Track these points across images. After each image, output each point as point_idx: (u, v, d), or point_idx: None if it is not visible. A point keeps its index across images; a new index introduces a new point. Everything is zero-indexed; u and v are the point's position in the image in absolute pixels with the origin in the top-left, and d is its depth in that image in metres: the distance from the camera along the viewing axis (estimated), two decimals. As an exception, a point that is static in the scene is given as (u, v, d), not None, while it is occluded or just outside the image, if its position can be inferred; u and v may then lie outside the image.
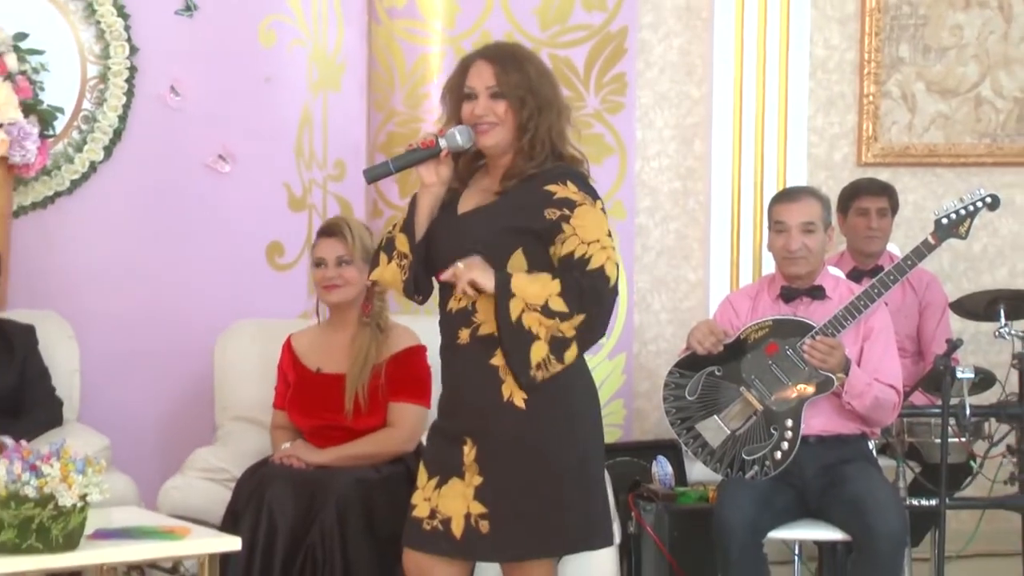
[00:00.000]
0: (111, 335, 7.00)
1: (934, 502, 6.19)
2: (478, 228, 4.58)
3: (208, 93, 7.22)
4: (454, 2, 7.28)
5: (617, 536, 6.06)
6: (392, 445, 5.71)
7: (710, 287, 7.62)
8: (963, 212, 6.11)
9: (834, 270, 6.27)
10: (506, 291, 4.44)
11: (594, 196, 4.63)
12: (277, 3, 7.29)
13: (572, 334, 4.46)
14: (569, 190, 4.56)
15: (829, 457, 5.75)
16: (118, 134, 7.12)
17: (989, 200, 6.13)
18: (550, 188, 4.56)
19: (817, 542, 6.30)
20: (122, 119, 7.12)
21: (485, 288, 4.46)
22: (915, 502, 6.31)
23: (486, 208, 4.59)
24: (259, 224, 7.30)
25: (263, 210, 7.30)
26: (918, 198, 7.93)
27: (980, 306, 6.92)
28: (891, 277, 5.89)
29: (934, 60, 8.09)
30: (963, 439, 6.41)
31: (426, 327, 5.41)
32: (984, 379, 6.59)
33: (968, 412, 6.24)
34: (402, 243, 4.62)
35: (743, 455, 5.75)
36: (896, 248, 7.11)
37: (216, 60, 7.22)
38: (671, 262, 7.82)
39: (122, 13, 7.08)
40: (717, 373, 5.86)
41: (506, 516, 4.55)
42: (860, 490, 5.63)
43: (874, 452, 5.98)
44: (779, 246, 5.87)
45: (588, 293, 4.47)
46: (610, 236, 4.58)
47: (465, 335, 4.59)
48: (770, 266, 6.26)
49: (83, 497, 4.83)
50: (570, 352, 4.47)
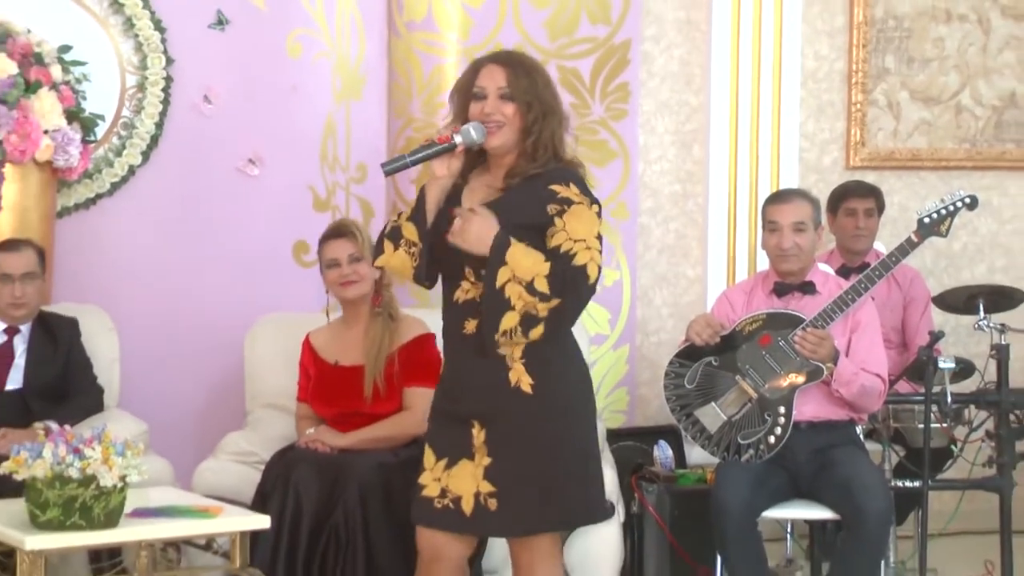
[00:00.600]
0: (149, 327, 7.01)
1: (917, 484, 6.19)
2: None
3: (239, 101, 7.22)
4: (468, 16, 7.28)
5: (621, 515, 6.08)
6: (409, 427, 5.72)
7: (708, 283, 7.61)
8: (944, 212, 6.11)
9: (824, 267, 6.27)
10: (500, 257, 4.43)
11: (592, 200, 4.61)
12: (303, 17, 7.29)
13: (544, 315, 4.44)
14: (571, 191, 4.56)
15: (819, 441, 5.75)
16: (155, 140, 7.13)
17: (968, 201, 6.14)
18: (554, 187, 4.56)
19: (808, 521, 6.31)
20: (158, 126, 7.13)
21: (472, 229, 4.45)
22: (900, 483, 6.31)
23: (492, 204, 4.56)
24: (286, 224, 7.30)
25: (290, 211, 7.30)
26: (902, 199, 7.92)
27: (960, 300, 6.90)
28: (877, 273, 5.90)
29: (917, 70, 8.08)
30: (945, 425, 6.42)
31: (435, 319, 5.41)
32: (964, 369, 6.58)
33: (949, 399, 6.24)
34: (410, 232, 4.58)
35: (739, 439, 5.75)
36: (882, 246, 7.10)
37: (246, 71, 7.23)
38: (671, 259, 7.82)
39: (159, 27, 7.09)
40: (714, 363, 5.86)
41: (514, 494, 4.55)
42: (848, 472, 5.63)
43: (861, 437, 5.98)
44: (772, 244, 5.88)
45: (570, 284, 4.47)
46: (599, 239, 4.57)
47: (472, 325, 4.58)
48: (764, 263, 6.25)
49: (123, 478, 4.85)
50: (536, 331, 4.46)
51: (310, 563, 5.56)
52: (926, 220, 6.10)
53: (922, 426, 6.13)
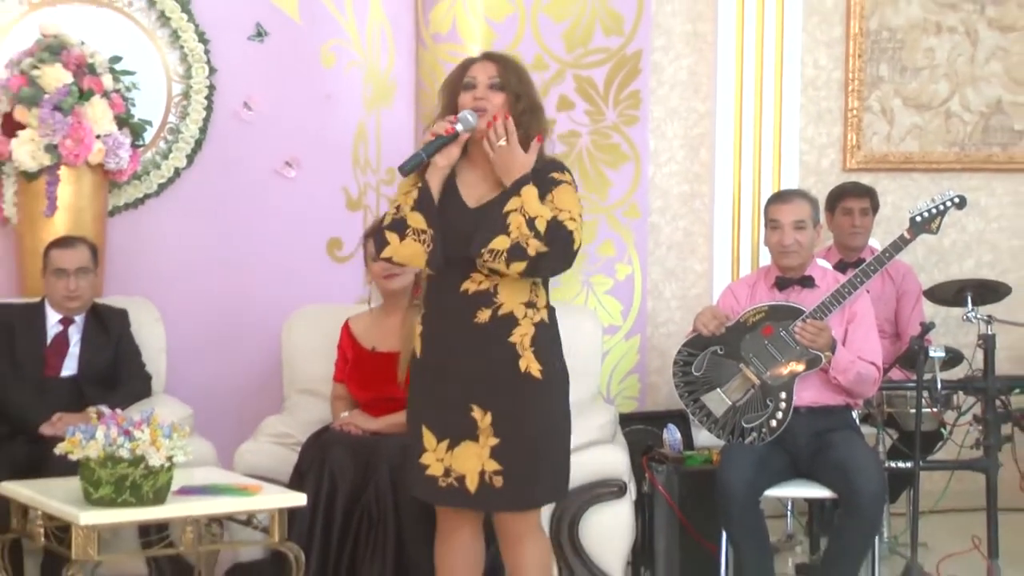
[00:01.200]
0: (193, 319, 7.02)
1: (909, 464, 6.19)
2: (494, 215, 4.57)
3: (277, 108, 7.23)
4: (491, 28, 7.28)
5: (633, 494, 6.08)
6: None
7: (714, 277, 7.61)
8: (935, 211, 6.09)
9: (822, 262, 6.27)
10: (517, 188, 4.50)
11: (575, 186, 4.68)
12: (337, 29, 7.30)
13: (532, 255, 4.47)
14: (566, 176, 4.65)
15: (818, 425, 5.75)
16: (199, 144, 7.14)
17: (957, 201, 6.12)
18: (554, 175, 4.63)
19: (807, 499, 6.32)
20: (202, 131, 7.14)
21: (511, 156, 4.52)
22: (893, 464, 6.31)
23: (496, 201, 4.59)
24: (320, 222, 7.31)
25: (324, 210, 7.31)
26: (896, 199, 7.91)
27: (950, 294, 6.90)
28: (872, 268, 5.89)
29: (910, 78, 8.07)
30: (935, 410, 6.40)
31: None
32: (953, 357, 6.57)
33: (939, 386, 6.23)
34: (417, 220, 4.55)
35: (743, 423, 5.75)
36: (876, 242, 7.09)
37: (284, 79, 7.24)
38: (680, 255, 7.81)
39: (202, 39, 7.10)
40: (720, 352, 5.86)
41: (519, 471, 4.58)
42: (845, 454, 5.63)
43: (857, 421, 5.96)
44: (774, 241, 5.87)
45: (559, 240, 4.50)
46: (580, 217, 4.61)
47: (485, 315, 4.59)
48: (766, 258, 6.25)
49: (169, 458, 4.87)
50: (517, 265, 4.48)
51: (344, 539, 5.58)
52: (918, 219, 6.09)
53: (914, 411, 6.12)
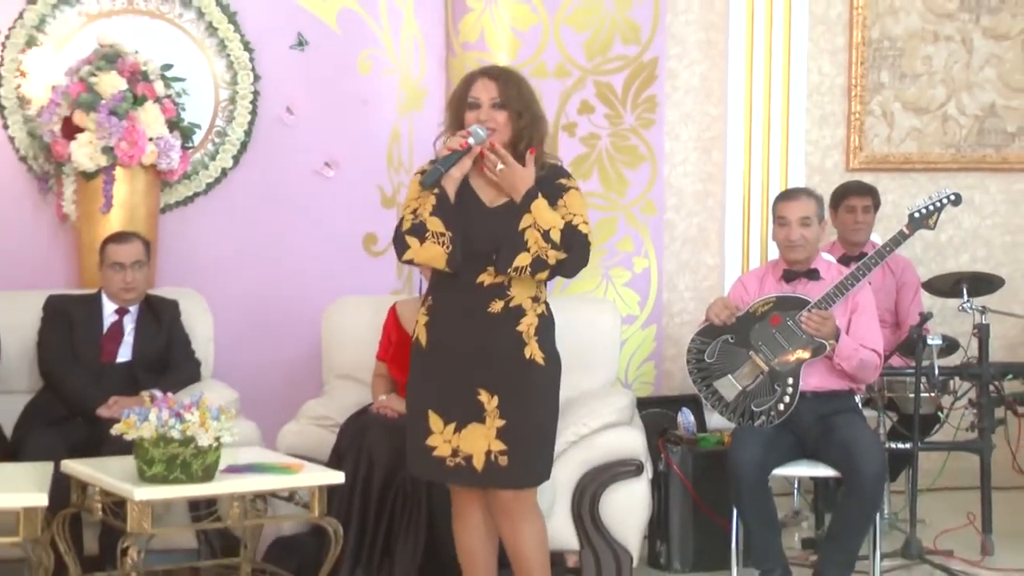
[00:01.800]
0: (239, 309, 7.03)
1: (908, 446, 6.19)
2: (509, 218, 4.59)
3: (316, 113, 7.24)
4: (516, 38, 7.27)
5: (649, 473, 6.08)
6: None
7: (725, 270, 7.60)
8: (932, 208, 6.08)
9: (827, 256, 6.25)
10: (527, 204, 4.55)
11: (580, 188, 4.75)
12: (372, 39, 7.30)
13: (552, 263, 4.55)
14: (572, 182, 4.70)
15: (823, 409, 5.73)
16: (244, 146, 7.15)
17: (953, 198, 6.11)
18: (561, 181, 4.69)
19: (813, 478, 6.30)
20: (247, 134, 7.15)
21: (514, 176, 4.57)
22: (893, 445, 6.31)
23: (512, 204, 4.61)
24: (357, 219, 7.32)
25: (360, 207, 7.32)
26: (896, 197, 7.88)
27: (947, 285, 6.89)
28: (873, 261, 5.88)
29: (909, 84, 8.04)
30: (932, 394, 6.42)
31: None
32: (950, 345, 6.57)
33: (937, 372, 6.24)
34: (436, 225, 4.56)
35: (752, 407, 5.74)
36: (878, 237, 7.07)
37: (323, 86, 7.24)
38: (693, 250, 7.80)
39: (247, 48, 7.11)
40: (731, 340, 5.85)
41: (522, 451, 4.61)
42: (848, 436, 5.61)
43: (860, 405, 5.95)
44: (781, 236, 5.86)
45: (575, 244, 4.56)
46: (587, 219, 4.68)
47: (498, 305, 4.61)
48: (774, 253, 6.23)
49: (217, 439, 4.88)
50: (542, 274, 4.58)
51: (379, 515, 5.59)
52: (916, 215, 6.08)
53: (913, 395, 6.13)
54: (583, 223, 4.60)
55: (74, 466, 5.28)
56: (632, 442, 6.03)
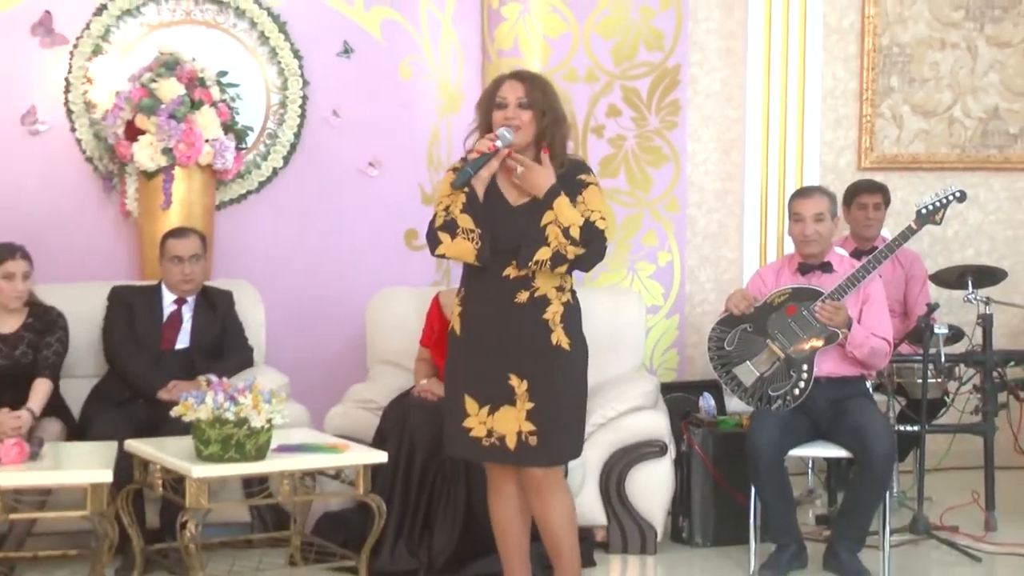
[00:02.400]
0: (289, 299, 7.04)
1: (916, 428, 6.15)
2: (532, 216, 4.58)
3: (361, 116, 7.24)
4: (548, 45, 7.26)
5: (673, 453, 6.07)
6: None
7: (744, 263, 7.58)
8: (939, 204, 6.05)
9: (840, 250, 6.23)
10: (549, 202, 4.54)
11: (599, 184, 4.74)
12: (413, 47, 7.31)
13: (571, 258, 4.53)
14: (592, 178, 4.69)
15: (836, 393, 5.71)
16: (293, 147, 7.16)
17: (959, 195, 6.07)
18: (581, 177, 4.67)
19: (826, 458, 6.28)
20: (296, 136, 7.16)
21: (534, 176, 4.57)
22: (902, 428, 6.29)
23: (535, 203, 4.60)
24: (399, 215, 7.31)
25: (402, 204, 7.32)
26: (904, 195, 7.84)
27: (952, 278, 6.86)
28: (883, 255, 5.84)
29: (917, 88, 8.01)
30: (939, 380, 6.40)
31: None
32: (956, 334, 6.53)
33: (943, 359, 6.21)
34: (467, 222, 4.57)
35: (769, 392, 5.72)
36: (888, 233, 7.04)
37: (367, 90, 7.25)
38: (714, 244, 7.78)
39: (297, 55, 7.12)
40: (749, 329, 5.83)
41: (550, 431, 4.60)
42: (859, 419, 5.60)
43: (870, 389, 5.93)
44: (797, 232, 5.84)
45: (596, 239, 4.55)
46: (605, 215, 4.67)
47: (524, 296, 4.60)
48: (790, 247, 6.22)
49: (269, 420, 4.90)
50: (561, 268, 4.57)
51: (420, 492, 5.60)
52: (924, 211, 6.04)
53: (920, 381, 6.09)
54: (600, 219, 4.59)
55: (137, 445, 5.31)
56: (657, 424, 6.04)
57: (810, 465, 7.07)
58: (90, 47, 6.89)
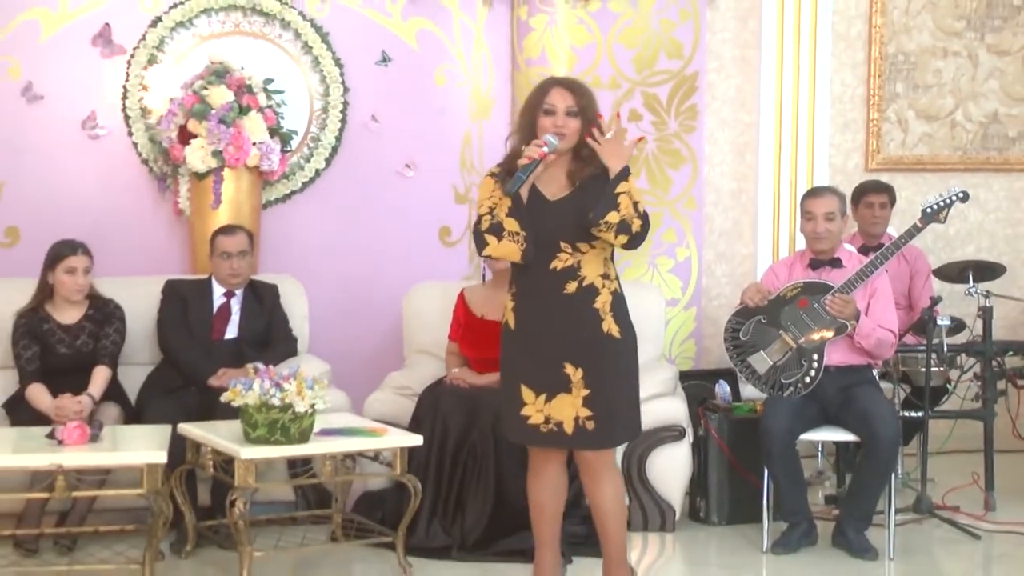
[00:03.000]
0: (331, 291, 7.06)
1: (920, 414, 6.13)
2: (570, 209, 4.55)
3: (398, 120, 7.25)
4: (574, 54, 7.26)
5: (690, 437, 6.06)
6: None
7: (758, 259, 7.56)
8: (942, 204, 6.02)
9: (848, 246, 6.20)
10: (624, 175, 4.50)
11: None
12: (447, 56, 7.30)
13: (634, 231, 4.47)
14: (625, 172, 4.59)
15: (844, 381, 5.69)
16: (335, 150, 7.17)
17: (961, 195, 6.04)
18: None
19: (835, 442, 6.26)
20: (338, 139, 7.17)
21: (617, 147, 4.53)
22: (906, 414, 6.27)
23: (572, 196, 4.58)
24: (433, 213, 7.32)
25: (436, 203, 7.32)
26: (909, 194, 7.81)
27: (955, 272, 6.84)
28: (890, 251, 5.83)
29: (921, 94, 7.97)
30: (942, 368, 6.38)
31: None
32: (957, 325, 6.51)
33: (945, 349, 6.19)
34: (512, 224, 4.51)
35: (782, 380, 5.70)
36: (893, 230, 7.00)
37: (404, 97, 7.25)
38: (729, 241, 7.76)
39: (338, 64, 7.13)
40: (763, 320, 5.81)
41: (606, 416, 4.56)
42: (867, 405, 5.58)
43: (877, 377, 5.90)
44: (808, 229, 5.82)
45: (648, 223, 4.52)
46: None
47: (573, 286, 4.56)
48: (802, 243, 6.19)
49: (312, 406, 4.90)
50: (622, 237, 4.48)
51: (453, 472, 5.60)
52: (928, 210, 6.01)
53: (924, 369, 6.07)
54: (644, 205, 4.57)
55: (189, 429, 5.33)
56: (675, 410, 6.03)
57: (820, 448, 7.05)
58: (146, 57, 6.91)
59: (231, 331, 6.11)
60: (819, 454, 7.07)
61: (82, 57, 6.88)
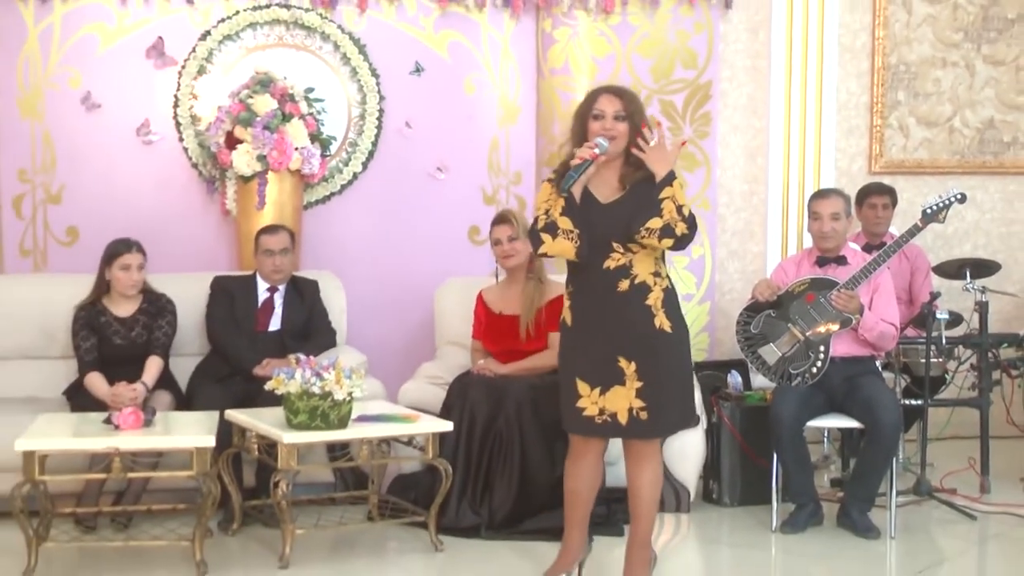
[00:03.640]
0: (367, 287, 7.06)
1: (920, 402, 6.11)
2: (622, 211, 4.51)
3: (430, 126, 7.24)
4: (595, 64, 7.24)
5: (704, 424, 6.05)
6: (551, 360, 5.60)
7: (767, 256, 7.53)
8: (941, 205, 6.00)
9: (853, 245, 6.17)
10: (669, 180, 4.45)
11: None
12: (476, 65, 7.29)
13: (679, 234, 4.42)
14: (674, 179, 4.54)
15: (849, 371, 5.67)
16: (371, 154, 7.17)
17: (959, 197, 6.01)
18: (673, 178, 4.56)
19: (840, 429, 6.24)
20: (374, 144, 7.17)
21: (663, 153, 4.49)
22: (907, 402, 6.23)
23: (623, 199, 4.54)
24: (463, 214, 7.31)
25: (466, 204, 7.31)
26: (910, 196, 7.77)
27: (953, 269, 6.82)
28: (892, 249, 5.81)
29: (921, 102, 7.93)
30: (940, 360, 6.35)
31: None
32: (955, 319, 6.48)
33: (944, 341, 6.15)
34: (566, 223, 4.47)
35: (790, 370, 5.69)
36: (895, 230, 6.97)
37: (436, 104, 7.24)
38: (741, 239, 7.73)
39: (374, 74, 7.13)
40: (772, 314, 5.80)
41: (658, 407, 4.51)
42: (870, 394, 5.56)
43: (880, 368, 5.88)
44: (815, 229, 5.80)
45: (695, 225, 4.47)
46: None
47: (625, 284, 4.50)
48: (809, 242, 6.17)
49: (350, 394, 4.91)
50: (666, 241, 4.43)
51: (480, 457, 5.59)
52: (928, 211, 5.99)
53: (923, 360, 6.04)
54: (689, 210, 4.51)
55: (235, 415, 5.35)
56: (690, 398, 6.02)
57: (825, 434, 7.02)
58: (196, 67, 6.92)
59: (274, 324, 6.12)
60: (825, 440, 7.05)
61: (137, 68, 6.90)
